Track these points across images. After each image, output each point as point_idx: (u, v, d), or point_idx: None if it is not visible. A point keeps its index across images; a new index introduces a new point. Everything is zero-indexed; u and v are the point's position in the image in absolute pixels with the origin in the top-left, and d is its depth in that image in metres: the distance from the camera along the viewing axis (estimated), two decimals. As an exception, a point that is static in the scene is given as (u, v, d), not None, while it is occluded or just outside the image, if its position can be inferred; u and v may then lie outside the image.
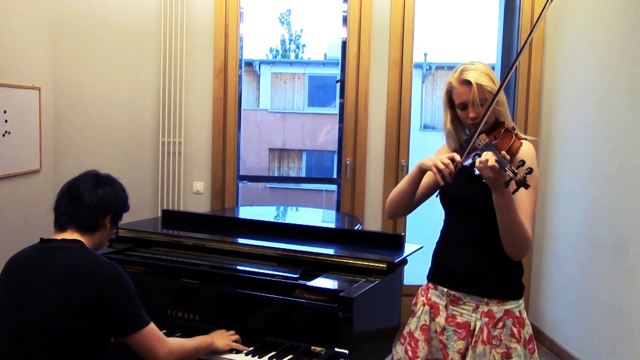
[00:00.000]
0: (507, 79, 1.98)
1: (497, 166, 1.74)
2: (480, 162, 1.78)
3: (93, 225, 1.89)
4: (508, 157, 1.80)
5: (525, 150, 1.94)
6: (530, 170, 1.69)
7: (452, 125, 2.07)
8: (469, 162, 1.94)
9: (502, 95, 1.98)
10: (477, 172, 1.85)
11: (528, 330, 2.01)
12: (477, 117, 1.96)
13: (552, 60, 4.29)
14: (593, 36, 3.78)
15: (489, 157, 1.76)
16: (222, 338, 2.06)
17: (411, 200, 2.09)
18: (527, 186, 1.69)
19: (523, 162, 1.71)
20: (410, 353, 2.08)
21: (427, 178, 2.12)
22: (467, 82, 1.95)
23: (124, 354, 1.96)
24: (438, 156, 1.92)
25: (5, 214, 3.62)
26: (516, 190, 1.71)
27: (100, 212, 1.89)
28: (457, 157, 1.90)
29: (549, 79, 4.30)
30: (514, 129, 1.95)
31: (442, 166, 1.87)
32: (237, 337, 2.10)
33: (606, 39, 3.63)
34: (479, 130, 1.96)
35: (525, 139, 1.96)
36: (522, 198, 1.87)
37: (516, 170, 1.70)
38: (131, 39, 4.26)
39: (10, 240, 3.64)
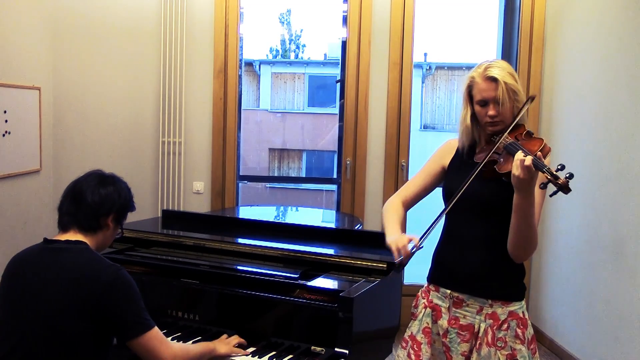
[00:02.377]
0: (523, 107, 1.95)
1: (533, 167, 1.70)
2: (515, 160, 1.73)
3: (95, 225, 1.88)
4: (543, 159, 1.76)
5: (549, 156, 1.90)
6: (571, 175, 1.65)
7: (471, 122, 2.01)
8: (484, 156, 1.90)
9: (523, 97, 1.95)
10: (500, 169, 1.82)
11: (530, 331, 2.00)
12: (496, 115, 1.92)
13: (552, 60, 4.29)
14: (593, 36, 3.78)
15: (524, 156, 1.72)
16: (224, 344, 2.05)
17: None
18: (568, 191, 1.65)
19: (563, 166, 1.68)
20: (413, 357, 2.06)
21: (424, 182, 2.12)
22: (493, 79, 1.90)
23: (125, 354, 1.96)
24: (399, 236, 1.90)
25: (5, 214, 3.62)
26: (555, 193, 1.67)
27: (102, 211, 1.88)
28: (416, 240, 1.86)
29: (549, 79, 4.30)
30: (532, 133, 1.92)
31: (400, 245, 1.86)
32: (238, 341, 2.09)
33: (606, 38, 3.63)
34: (495, 129, 1.94)
35: None
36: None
37: (556, 174, 1.66)
38: (131, 39, 4.26)
39: (10, 240, 3.64)
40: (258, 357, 2.02)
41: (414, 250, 1.85)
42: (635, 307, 3.20)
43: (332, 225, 3.62)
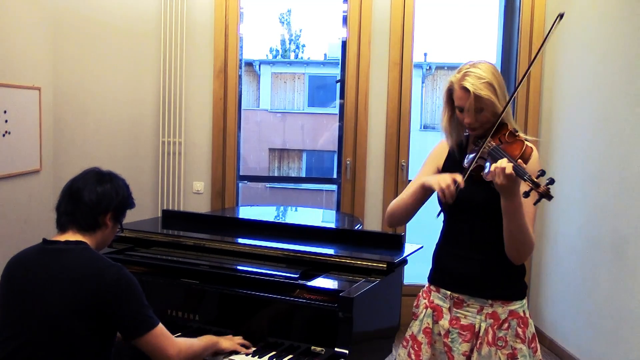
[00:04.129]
0: (511, 99, 1.92)
1: (514, 174, 1.71)
2: (495, 168, 1.74)
3: (93, 223, 1.86)
4: (524, 165, 1.76)
5: (534, 156, 1.89)
6: (552, 181, 1.65)
7: (449, 124, 2.04)
8: (471, 164, 1.91)
9: (500, 105, 1.91)
10: (485, 175, 1.82)
11: (531, 330, 2.01)
12: (472, 123, 1.93)
13: (552, 60, 4.28)
14: (593, 36, 3.78)
15: (505, 164, 1.72)
16: (228, 339, 2.06)
17: (413, 214, 2.10)
18: (550, 198, 1.65)
19: (543, 172, 1.67)
20: (413, 356, 2.07)
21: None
22: (466, 89, 1.89)
23: (127, 353, 1.96)
24: (441, 175, 1.90)
25: (5, 214, 3.62)
26: (538, 201, 1.67)
27: (100, 210, 1.86)
28: (459, 178, 1.86)
29: (549, 79, 4.30)
30: (517, 131, 1.91)
31: (444, 186, 1.84)
32: (242, 341, 2.09)
33: (606, 38, 3.63)
34: (476, 134, 1.94)
35: (527, 140, 1.91)
36: (526, 203, 1.83)
37: (537, 181, 1.66)
38: (131, 39, 4.26)
39: (10, 240, 3.64)
40: (258, 357, 2.02)
41: (458, 188, 1.84)
42: (635, 306, 3.20)
43: (332, 225, 3.62)
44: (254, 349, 2.08)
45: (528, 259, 1.98)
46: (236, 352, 2.05)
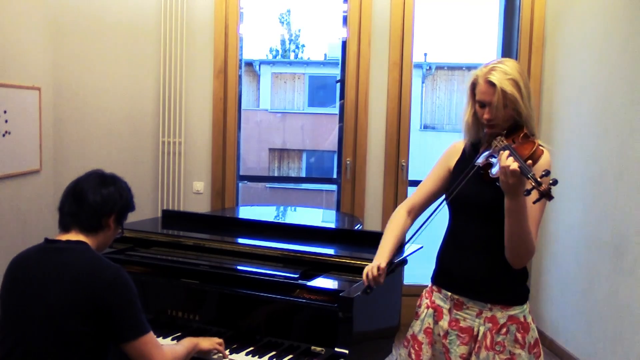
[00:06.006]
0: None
1: (519, 172, 1.70)
2: (501, 166, 1.73)
3: (96, 225, 1.87)
4: (531, 163, 1.75)
5: (545, 158, 1.88)
6: (555, 182, 1.64)
7: (472, 119, 2.00)
8: (481, 161, 1.90)
9: (524, 104, 1.91)
10: (492, 173, 1.82)
11: (533, 335, 1.99)
12: (492, 119, 1.91)
13: (552, 60, 4.28)
14: (593, 36, 3.78)
15: (510, 162, 1.71)
16: (206, 340, 2.06)
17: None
18: (550, 198, 1.64)
19: (548, 172, 1.66)
20: (413, 356, 2.06)
21: (431, 186, 2.11)
22: (492, 84, 1.88)
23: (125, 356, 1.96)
24: (369, 265, 1.94)
25: (5, 214, 3.62)
26: (538, 200, 1.66)
27: (104, 211, 1.88)
28: (383, 264, 1.91)
29: (549, 79, 4.31)
30: (532, 135, 1.89)
31: (367, 271, 1.90)
32: (221, 340, 2.09)
33: (606, 38, 3.63)
34: (493, 131, 1.93)
35: (542, 146, 1.88)
36: (532, 206, 1.81)
37: (540, 180, 1.65)
38: (131, 38, 4.26)
39: (10, 240, 3.64)
40: (258, 357, 2.03)
41: (380, 273, 1.91)
42: (635, 307, 3.20)
43: (332, 225, 3.62)
44: (252, 348, 2.08)
45: (525, 264, 1.97)
46: (235, 351, 2.05)
